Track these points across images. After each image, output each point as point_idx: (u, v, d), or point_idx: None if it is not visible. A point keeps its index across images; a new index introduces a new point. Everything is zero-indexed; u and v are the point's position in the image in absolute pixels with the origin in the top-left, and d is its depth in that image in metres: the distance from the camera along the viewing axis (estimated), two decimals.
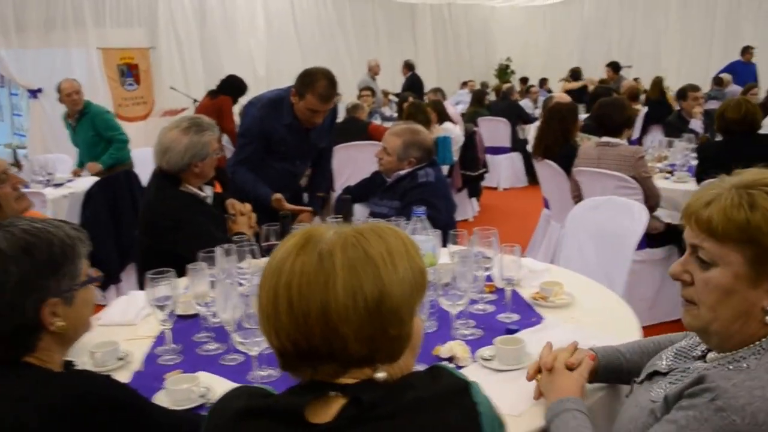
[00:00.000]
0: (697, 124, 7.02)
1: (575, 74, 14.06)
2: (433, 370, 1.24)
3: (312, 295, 1.14)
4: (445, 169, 7.23)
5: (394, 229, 1.27)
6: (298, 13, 14.14)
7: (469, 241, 2.53)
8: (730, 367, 1.31)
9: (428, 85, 12.44)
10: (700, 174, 4.52)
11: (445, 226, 3.15)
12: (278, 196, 3.85)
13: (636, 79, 13.07)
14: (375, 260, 1.17)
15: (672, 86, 10.11)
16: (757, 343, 1.33)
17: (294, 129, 3.93)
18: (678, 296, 4.13)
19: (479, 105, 10.47)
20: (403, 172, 3.62)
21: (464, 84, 15.12)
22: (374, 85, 11.41)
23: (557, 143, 5.20)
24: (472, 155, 7.78)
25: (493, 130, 9.67)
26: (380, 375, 1.19)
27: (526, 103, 11.67)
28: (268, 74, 12.62)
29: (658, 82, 9.62)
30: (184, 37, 11.64)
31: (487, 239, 2.48)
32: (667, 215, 4.70)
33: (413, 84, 11.88)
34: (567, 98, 6.25)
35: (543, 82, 15.34)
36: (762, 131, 4.78)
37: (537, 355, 1.89)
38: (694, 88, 7.44)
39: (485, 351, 2.05)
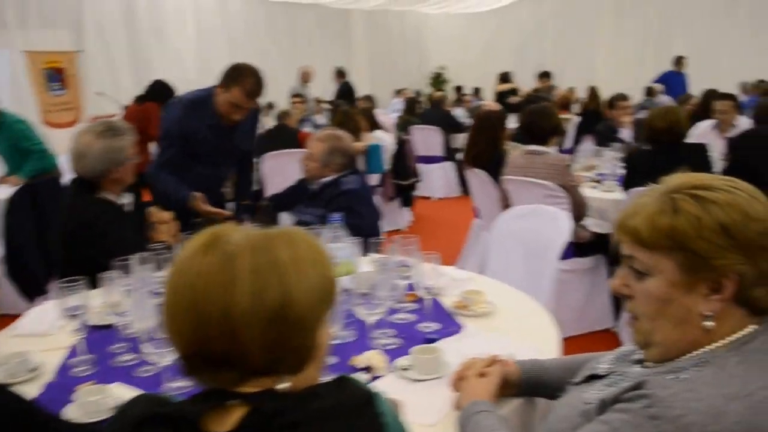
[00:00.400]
0: (626, 133, 7.16)
1: (504, 77, 14.24)
2: (338, 380, 1.23)
3: (214, 298, 1.10)
4: (376, 177, 7.25)
5: (306, 235, 1.23)
6: (229, 17, 14.05)
7: (390, 249, 2.52)
8: (670, 376, 1.28)
9: (363, 93, 12.42)
10: (628, 183, 4.57)
11: (370, 233, 3.15)
12: (198, 195, 3.79)
13: (571, 89, 13.34)
14: (282, 266, 1.14)
15: (607, 96, 10.30)
16: (699, 353, 1.30)
17: (216, 129, 3.88)
18: (606, 305, 4.17)
19: (411, 113, 10.49)
20: (327, 180, 3.62)
21: (398, 92, 15.12)
22: (306, 91, 11.35)
23: (486, 151, 5.25)
24: (403, 164, 7.78)
25: (426, 139, 9.68)
26: (282, 385, 1.17)
27: (460, 112, 11.69)
28: (199, 78, 12.30)
29: (594, 92, 9.79)
30: (111, 40, 11.44)
31: (407, 247, 2.47)
32: (595, 224, 4.74)
33: (346, 91, 11.87)
34: (495, 106, 6.31)
35: (477, 91, 15.46)
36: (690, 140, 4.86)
37: (456, 364, 1.90)
38: (623, 97, 7.59)
39: (403, 360, 2.04)
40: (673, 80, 12.92)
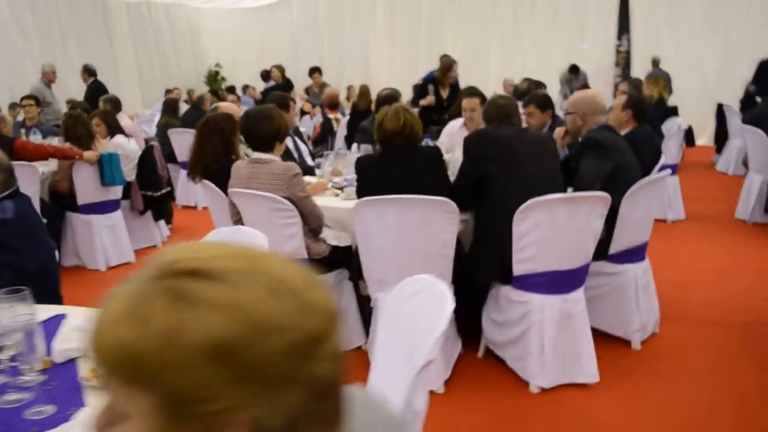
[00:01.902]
0: None
1: (264, 75, 13.88)
2: None
3: None
4: (119, 190, 6.49)
5: None
6: None
7: None
8: None
9: (132, 93, 11.39)
10: (360, 192, 4.18)
11: (39, 273, 2.56)
12: None
13: (350, 87, 13.15)
14: None
15: None
16: None
17: None
18: (355, 322, 3.60)
19: (172, 116, 9.71)
20: None
21: (168, 92, 14.13)
22: (48, 93, 10.18)
23: (217, 160, 4.71)
24: (151, 173, 7.00)
25: (186, 142, 9.00)
26: None
27: None
28: None
29: (366, 91, 9.53)
30: None
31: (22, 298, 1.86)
32: (333, 237, 4.35)
33: (95, 92, 10.63)
34: (234, 108, 5.73)
35: (245, 88, 14.81)
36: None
37: None
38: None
39: None
40: None
